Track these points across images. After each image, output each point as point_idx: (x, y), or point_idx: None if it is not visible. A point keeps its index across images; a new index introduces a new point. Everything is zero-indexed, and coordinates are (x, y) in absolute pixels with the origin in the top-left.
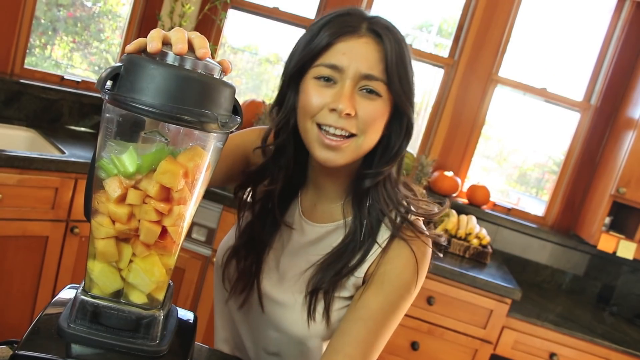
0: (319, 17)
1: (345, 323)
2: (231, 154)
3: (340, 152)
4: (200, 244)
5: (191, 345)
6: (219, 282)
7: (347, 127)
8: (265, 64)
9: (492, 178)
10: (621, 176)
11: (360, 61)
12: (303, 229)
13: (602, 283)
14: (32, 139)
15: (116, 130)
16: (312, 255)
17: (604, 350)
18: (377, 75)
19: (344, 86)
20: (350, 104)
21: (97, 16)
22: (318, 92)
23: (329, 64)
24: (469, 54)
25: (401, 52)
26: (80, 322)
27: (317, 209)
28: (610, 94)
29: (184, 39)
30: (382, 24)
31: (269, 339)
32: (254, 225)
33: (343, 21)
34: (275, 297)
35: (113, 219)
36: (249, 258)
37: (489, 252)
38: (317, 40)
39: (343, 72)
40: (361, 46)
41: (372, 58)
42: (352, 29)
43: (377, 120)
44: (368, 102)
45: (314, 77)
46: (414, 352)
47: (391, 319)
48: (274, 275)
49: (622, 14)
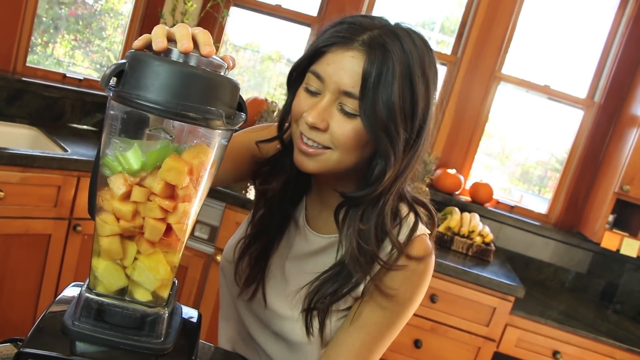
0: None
1: (341, 334)
2: (239, 152)
3: (312, 159)
4: (203, 241)
5: (196, 343)
6: (230, 278)
7: (318, 140)
8: (267, 61)
9: (494, 176)
10: (625, 174)
11: (342, 76)
12: (307, 237)
13: (605, 281)
14: (34, 137)
15: (120, 127)
16: (314, 266)
17: (608, 348)
18: (356, 93)
19: (322, 99)
20: (320, 117)
21: (99, 14)
22: (303, 99)
23: (315, 72)
24: (472, 51)
25: (389, 69)
26: (85, 320)
27: (321, 217)
28: (614, 91)
29: (188, 36)
30: (381, 38)
31: (274, 331)
32: (265, 217)
33: (343, 29)
34: (275, 307)
35: (117, 217)
36: (258, 250)
37: (492, 250)
38: (316, 43)
39: (324, 83)
40: (347, 60)
41: (355, 74)
42: (344, 40)
43: (350, 139)
44: (343, 119)
45: (305, 84)
46: (417, 350)
47: (387, 334)
48: (279, 276)
49: (626, 10)
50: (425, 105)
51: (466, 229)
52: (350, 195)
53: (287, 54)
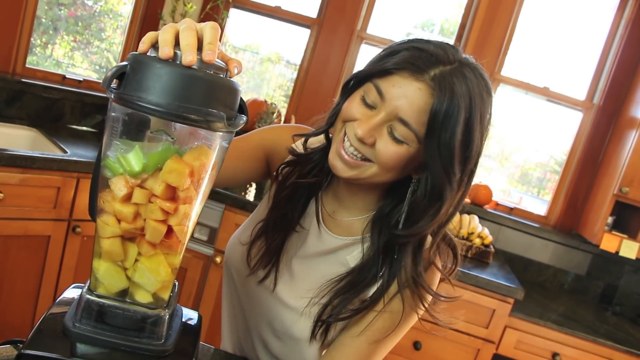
0: (408, 38)
1: (346, 336)
2: (252, 152)
3: (348, 167)
4: (203, 243)
5: (196, 344)
6: (240, 259)
7: (361, 150)
8: (267, 63)
9: (493, 178)
10: (624, 175)
11: (403, 103)
12: (321, 236)
13: (604, 283)
14: (34, 138)
15: (122, 129)
16: (326, 267)
17: (607, 350)
18: (412, 124)
19: (377, 115)
20: (370, 133)
21: (98, 15)
22: (357, 105)
23: (379, 88)
24: (471, 53)
25: (454, 114)
26: (86, 322)
27: (336, 218)
28: (613, 93)
29: (193, 47)
30: (450, 79)
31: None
32: (285, 204)
33: (416, 56)
34: (282, 295)
35: (119, 218)
36: (276, 235)
37: (492, 252)
38: (386, 60)
39: (384, 101)
40: (413, 90)
41: (417, 106)
42: (416, 69)
43: (392, 160)
44: (390, 142)
45: (363, 92)
46: (416, 351)
47: (392, 338)
48: (286, 268)
49: (625, 12)
50: (478, 149)
51: (465, 230)
52: (403, 233)
53: (286, 56)
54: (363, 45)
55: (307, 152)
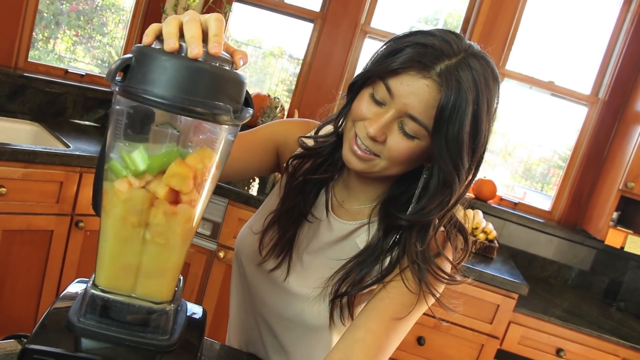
0: (410, 32)
1: (373, 300)
2: (262, 144)
3: (361, 161)
4: (206, 238)
5: (201, 339)
6: (252, 250)
7: (372, 148)
8: (269, 57)
9: (497, 172)
10: (629, 171)
11: (412, 100)
12: (330, 225)
13: (609, 278)
14: (36, 132)
15: (127, 122)
16: (337, 253)
17: (611, 346)
18: (422, 120)
19: (386, 113)
20: (381, 131)
21: (100, 9)
22: (366, 103)
23: (388, 86)
24: None
25: (461, 107)
26: (90, 316)
27: (344, 207)
28: (619, 88)
29: (198, 39)
30: (456, 73)
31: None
32: (297, 194)
33: (422, 53)
34: (294, 284)
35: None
36: (289, 226)
37: (496, 247)
38: (391, 60)
39: (393, 99)
40: (421, 87)
41: (426, 102)
42: (422, 66)
43: (403, 155)
44: (401, 138)
45: (372, 90)
46: (420, 347)
47: (421, 304)
48: (298, 264)
49: (631, 6)
50: (486, 138)
51: (470, 225)
52: (412, 219)
53: (289, 50)
54: (367, 39)
55: (317, 146)
